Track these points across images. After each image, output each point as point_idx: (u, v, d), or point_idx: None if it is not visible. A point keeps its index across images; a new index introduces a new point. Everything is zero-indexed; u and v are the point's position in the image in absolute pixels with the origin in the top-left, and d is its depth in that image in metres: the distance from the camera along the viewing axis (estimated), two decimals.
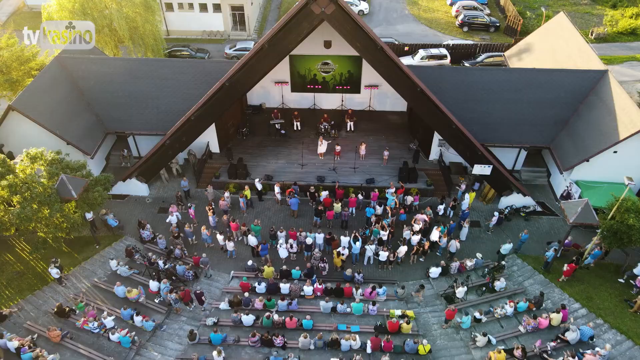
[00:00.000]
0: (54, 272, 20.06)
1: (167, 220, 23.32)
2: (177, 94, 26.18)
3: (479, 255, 21.87)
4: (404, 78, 21.73)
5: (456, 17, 44.00)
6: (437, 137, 25.80)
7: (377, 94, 29.30)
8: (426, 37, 41.82)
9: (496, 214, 24.02)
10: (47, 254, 21.34)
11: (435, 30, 43.39)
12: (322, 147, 26.69)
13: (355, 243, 21.76)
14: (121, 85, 26.35)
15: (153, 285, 20.16)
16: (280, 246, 21.94)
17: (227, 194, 24.29)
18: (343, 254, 21.61)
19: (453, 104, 24.44)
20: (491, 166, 23.55)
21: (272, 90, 29.65)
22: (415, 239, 22.00)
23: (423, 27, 43.89)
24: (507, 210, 24.74)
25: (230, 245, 22.50)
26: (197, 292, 20.00)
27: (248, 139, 28.46)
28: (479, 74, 26.87)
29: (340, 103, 30.09)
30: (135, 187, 25.81)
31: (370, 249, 21.83)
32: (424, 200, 25.52)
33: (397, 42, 38.42)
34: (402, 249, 21.88)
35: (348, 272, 21.20)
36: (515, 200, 25.03)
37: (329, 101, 30.10)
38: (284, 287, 20.39)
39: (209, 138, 26.74)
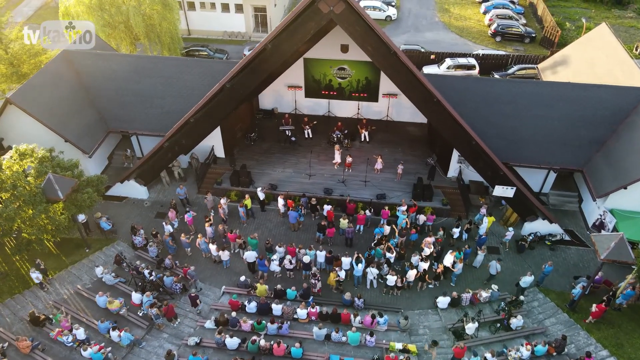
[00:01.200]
0: (35, 276, 19.02)
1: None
2: (184, 94, 25.00)
3: (494, 287, 19.66)
4: (419, 87, 19.76)
5: (489, 26, 41.76)
6: (456, 152, 23.70)
7: (396, 103, 27.40)
8: (456, 46, 39.68)
9: (511, 229, 21.92)
10: (35, 255, 20.31)
11: (466, 39, 41.21)
12: (336, 156, 25.02)
13: (357, 265, 19.90)
14: (127, 82, 25.37)
15: (135, 297, 18.81)
16: (272, 261, 20.31)
17: (223, 201, 22.78)
18: (339, 275, 19.78)
19: (476, 117, 22.41)
20: (514, 188, 21.29)
21: (285, 94, 28.16)
22: (424, 265, 19.95)
23: (453, 36, 41.78)
24: (530, 238, 22.37)
25: (225, 255, 21.00)
26: (192, 295, 18.79)
27: (256, 145, 26.99)
28: (507, 86, 24.72)
29: (357, 111, 28.33)
30: (134, 190, 24.68)
31: (371, 271, 19.89)
32: (439, 220, 23.40)
33: (423, 50, 36.48)
34: (412, 273, 19.89)
35: (347, 296, 19.35)
36: (540, 226, 22.61)
37: (345, 109, 28.37)
38: (276, 308, 18.75)
39: (214, 142, 25.39)
